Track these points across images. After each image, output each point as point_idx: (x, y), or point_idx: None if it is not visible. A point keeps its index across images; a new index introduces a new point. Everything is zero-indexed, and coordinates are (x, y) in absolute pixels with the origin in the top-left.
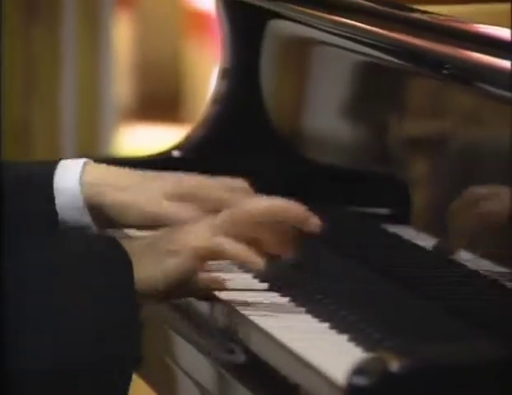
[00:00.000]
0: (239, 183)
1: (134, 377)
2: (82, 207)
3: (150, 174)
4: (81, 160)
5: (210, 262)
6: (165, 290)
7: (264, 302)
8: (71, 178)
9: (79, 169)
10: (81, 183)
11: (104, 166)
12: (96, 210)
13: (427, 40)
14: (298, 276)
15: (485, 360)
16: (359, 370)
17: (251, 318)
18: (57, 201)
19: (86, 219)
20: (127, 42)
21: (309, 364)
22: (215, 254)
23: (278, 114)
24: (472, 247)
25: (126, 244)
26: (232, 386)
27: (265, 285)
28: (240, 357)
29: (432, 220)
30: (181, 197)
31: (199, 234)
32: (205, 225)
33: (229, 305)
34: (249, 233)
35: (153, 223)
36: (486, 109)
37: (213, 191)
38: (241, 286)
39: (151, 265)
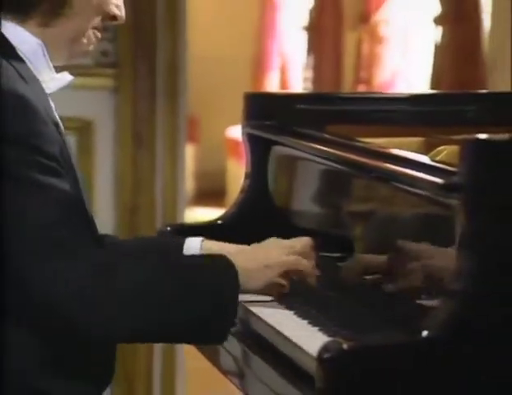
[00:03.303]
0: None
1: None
2: None
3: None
4: (200, 238)
5: None
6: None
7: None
8: (195, 247)
9: (199, 242)
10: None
11: (215, 242)
12: None
13: (364, 158)
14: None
15: (396, 343)
16: (325, 348)
17: (264, 318)
18: None
19: None
20: (192, 159)
21: (296, 344)
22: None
23: (277, 199)
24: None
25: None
26: (250, 357)
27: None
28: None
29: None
30: None
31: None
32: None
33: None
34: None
35: None
36: (396, 197)
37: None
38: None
39: (255, 273)
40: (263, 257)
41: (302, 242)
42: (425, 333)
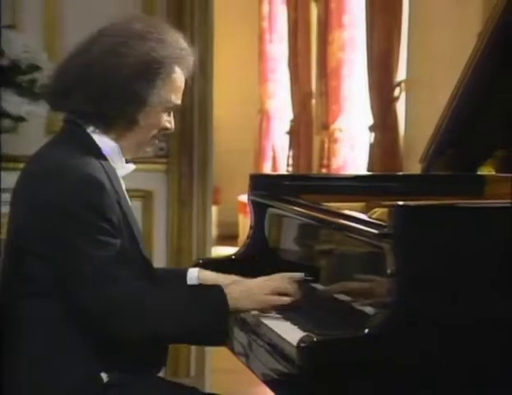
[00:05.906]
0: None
1: None
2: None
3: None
4: (197, 269)
5: None
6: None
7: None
8: (194, 276)
9: (196, 272)
10: (198, 276)
11: (207, 271)
12: None
13: (326, 216)
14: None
15: (349, 337)
16: (301, 340)
17: (262, 320)
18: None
19: None
20: (216, 215)
21: (281, 336)
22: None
23: (271, 242)
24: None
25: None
26: (253, 344)
27: None
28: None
29: (329, 281)
30: None
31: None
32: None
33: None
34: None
35: None
36: (347, 241)
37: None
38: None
39: (243, 300)
40: (249, 287)
41: (285, 284)
42: (366, 330)
